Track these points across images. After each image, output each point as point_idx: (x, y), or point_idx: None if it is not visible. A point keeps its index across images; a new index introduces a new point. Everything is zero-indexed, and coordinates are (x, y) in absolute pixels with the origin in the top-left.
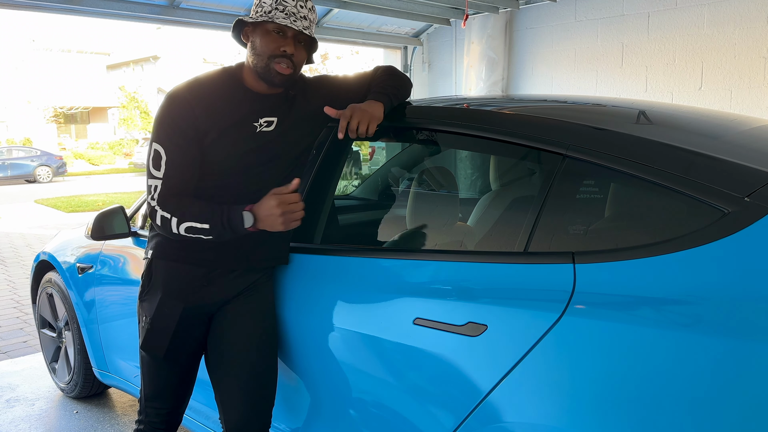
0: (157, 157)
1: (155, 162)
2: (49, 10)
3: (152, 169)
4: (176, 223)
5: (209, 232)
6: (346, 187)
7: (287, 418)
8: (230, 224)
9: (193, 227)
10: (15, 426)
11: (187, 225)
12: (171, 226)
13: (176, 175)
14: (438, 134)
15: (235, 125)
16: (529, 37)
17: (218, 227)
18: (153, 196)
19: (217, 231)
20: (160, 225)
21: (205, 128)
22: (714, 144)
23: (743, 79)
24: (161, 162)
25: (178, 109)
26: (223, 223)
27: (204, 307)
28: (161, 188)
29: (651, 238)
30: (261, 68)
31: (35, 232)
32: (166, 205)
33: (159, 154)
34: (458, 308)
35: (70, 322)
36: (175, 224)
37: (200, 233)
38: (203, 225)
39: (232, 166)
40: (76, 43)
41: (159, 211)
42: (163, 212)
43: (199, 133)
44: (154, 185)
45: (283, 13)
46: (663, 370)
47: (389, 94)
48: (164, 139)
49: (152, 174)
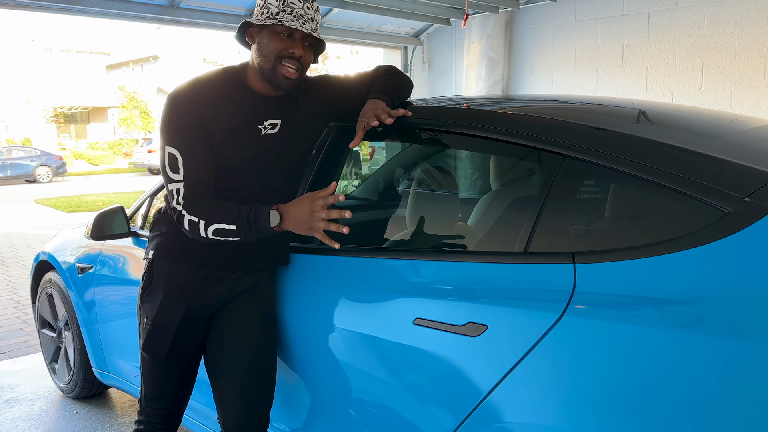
0: (173, 160)
1: (172, 165)
2: (49, 10)
3: (170, 173)
4: (204, 226)
5: (236, 233)
6: (346, 187)
7: (287, 418)
8: (256, 224)
9: (220, 229)
10: (15, 426)
11: (215, 227)
12: (200, 230)
13: (196, 175)
14: (438, 134)
15: (240, 127)
16: (529, 37)
17: (245, 227)
18: (178, 200)
19: (243, 231)
20: (188, 229)
21: (212, 128)
22: (714, 144)
23: (743, 79)
24: (178, 164)
25: (183, 108)
26: (249, 223)
27: (205, 308)
28: (184, 191)
29: (651, 238)
30: (268, 70)
31: (35, 232)
32: (192, 208)
33: (174, 156)
34: (458, 308)
35: (70, 322)
36: (203, 227)
37: (228, 235)
38: (230, 226)
39: (235, 168)
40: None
41: (186, 215)
42: (191, 216)
43: (207, 132)
44: (176, 189)
45: (291, 15)
46: (663, 370)
47: (390, 94)
48: (177, 141)
49: (171, 178)
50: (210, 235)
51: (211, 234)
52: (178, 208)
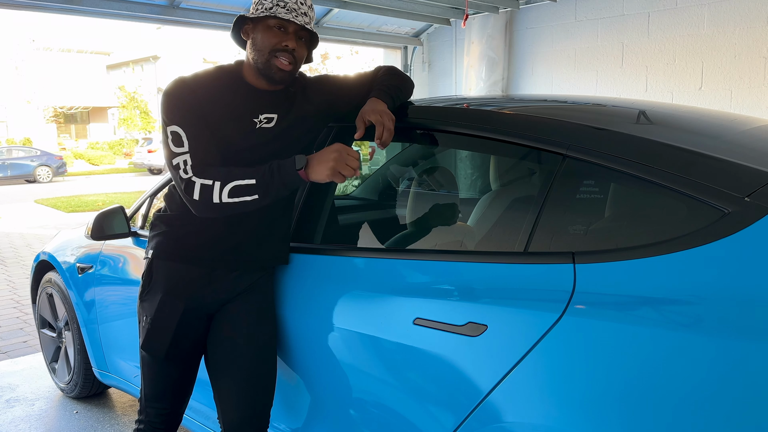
0: (176, 137)
1: (176, 141)
2: (49, 10)
3: (174, 147)
4: (219, 187)
5: (255, 190)
6: (346, 187)
7: (287, 418)
8: (279, 172)
9: (238, 186)
10: (15, 426)
11: (233, 185)
12: (213, 194)
13: (202, 147)
14: (438, 134)
15: (235, 119)
16: (529, 37)
17: (266, 179)
18: (185, 169)
19: (265, 184)
20: (199, 197)
21: (208, 116)
22: (714, 144)
23: (743, 79)
24: (182, 139)
25: (183, 92)
26: (273, 173)
27: (204, 306)
28: (192, 159)
29: (651, 238)
30: (262, 63)
31: (35, 232)
32: (205, 172)
33: (177, 133)
34: (458, 308)
35: (70, 322)
36: (218, 189)
37: (246, 193)
38: (250, 180)
39: (230, 160)
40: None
41: (198, 180)
42: (204, 180)
43: (205, 118)
44: (182, 160)
45: (284, 9)
46: (663, 370)
47: (391, 94)
48: (179, 119)
49: (175, 152)
50: (225, 198)
51: (226, 196)
52: (186, 176)
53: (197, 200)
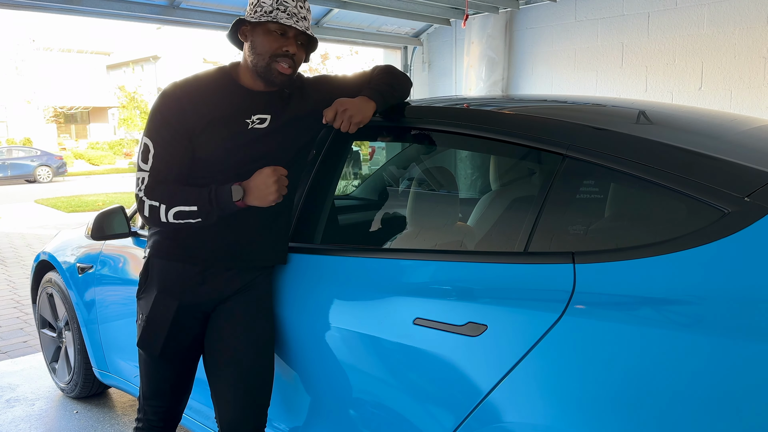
0: (145, 150)
1: (144, 155)
2: (49, 10)
3: (140, 162)
4: (165, 210)
5: (197, 215)
6: (346, 187)
7: (286, 418)
8: (217, 200)
9: (181, 211)
10: (15, 426)
11: (176, 210)
12: (160, 215)
13: (163, 168)
14: (438, 134)
15: (225, 119)
16: (529, 37)
17: (206, 205)
18: (141, 187)
19: (205, 210)
20: (149, 216)
21: (193, 122)
22: (714, 144)
23: (743, 79)
24: (149, 155)
25: (167, 103)
26: (211, 200)
27: (199, 305)
28: (148, 179)
29: (651, 238)
30: (262, 68)
31: (35, 232)
32: (153, 193)
33: (147, 147)
34: (458, 308)
35: (70, 322)
36: (163, 211)
37: (189, 217)
38: (191, 207)
39: (222, 161)
40: (76, 43)
41: (147, 201)
42: (151, 201)
43: (187, 127)
44: (141, 177)
45: (285, 13)
46: (663, 370)
47: (383, 93)
48: (153, 133)
49: (140, 167)
50: (171, 219)
51: (171, 218)
52: (139, 195)
53: (147, 217)
